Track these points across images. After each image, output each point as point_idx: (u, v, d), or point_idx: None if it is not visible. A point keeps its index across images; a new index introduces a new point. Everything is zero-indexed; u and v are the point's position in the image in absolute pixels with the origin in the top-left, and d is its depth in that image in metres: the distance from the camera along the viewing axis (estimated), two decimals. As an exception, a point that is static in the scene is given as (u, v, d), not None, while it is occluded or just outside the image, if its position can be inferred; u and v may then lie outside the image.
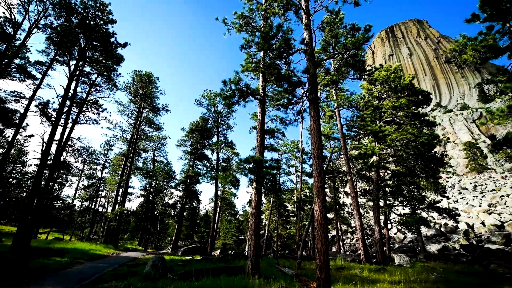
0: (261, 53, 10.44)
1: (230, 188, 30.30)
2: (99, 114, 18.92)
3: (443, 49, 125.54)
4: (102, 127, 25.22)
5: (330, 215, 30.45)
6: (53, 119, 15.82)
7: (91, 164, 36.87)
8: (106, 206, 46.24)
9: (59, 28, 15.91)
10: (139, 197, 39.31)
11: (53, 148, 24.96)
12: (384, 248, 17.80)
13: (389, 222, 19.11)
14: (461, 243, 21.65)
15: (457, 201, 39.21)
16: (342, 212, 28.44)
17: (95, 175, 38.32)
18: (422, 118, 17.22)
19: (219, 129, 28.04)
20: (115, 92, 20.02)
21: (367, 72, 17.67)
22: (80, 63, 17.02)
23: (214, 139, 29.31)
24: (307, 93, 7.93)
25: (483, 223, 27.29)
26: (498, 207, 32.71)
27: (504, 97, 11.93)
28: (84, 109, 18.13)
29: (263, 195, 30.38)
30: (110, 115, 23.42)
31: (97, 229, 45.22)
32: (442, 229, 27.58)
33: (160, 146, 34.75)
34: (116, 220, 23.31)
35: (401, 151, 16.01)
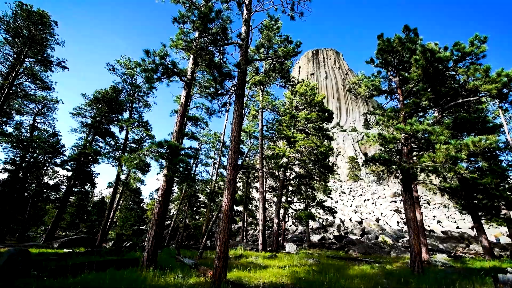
0: (196, 34, 9.79)
1: (137, 173, 27.11)
2: None
3: (348, 80, 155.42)
4: None
5: (240, 208, 32.18)
6: None
7: None
8: None
9: None
10: (1, 172, 29.50)
11: None
12: (280, 238, 20.35)
13: (287, 216, 21.96)
14: (334, 234, 27.41)
15: (337, 201, 49.47)
16: (250, 205, 30.56)
17: None
18: (325, 132, 20.66)
19: (134, 105, 24.47)
20: (-23, 22, 14.19)
21: (292, 83, 19.65)
22: None
23: (126, 115, 25.35)
24: (235, 88, 8.01)
25: (350, 219, 35.53)
26: (362, 208, 43.43)
27: (378, 127, 15.83)
28: None
29: (175, 183, 28.78)
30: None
31: None
32: (324, 223, 34.15)
33: (46, 111, 27.01)
34: (-47, 201, 16.65)
35: (305, 157, 18.68)
